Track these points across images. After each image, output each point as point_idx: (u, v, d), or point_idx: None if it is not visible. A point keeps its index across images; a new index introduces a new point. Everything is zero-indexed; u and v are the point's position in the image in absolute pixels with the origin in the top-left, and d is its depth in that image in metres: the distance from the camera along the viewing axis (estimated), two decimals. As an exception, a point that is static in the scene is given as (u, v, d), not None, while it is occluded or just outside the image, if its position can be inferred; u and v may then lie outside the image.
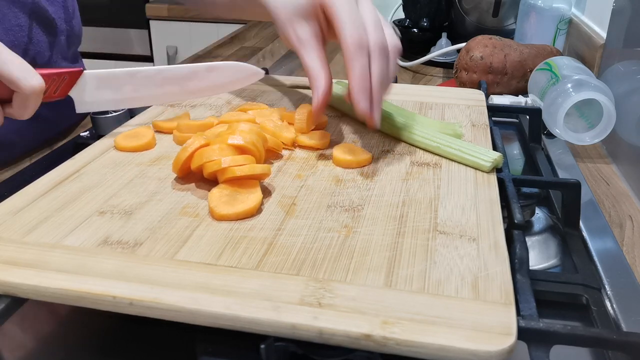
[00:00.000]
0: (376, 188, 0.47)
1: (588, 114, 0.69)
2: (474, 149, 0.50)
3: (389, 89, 0.52)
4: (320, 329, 0.31)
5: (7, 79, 0.48)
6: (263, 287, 0.34)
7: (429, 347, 0.30)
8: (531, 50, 0.86)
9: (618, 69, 0.74)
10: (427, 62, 1.08)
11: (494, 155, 0.49)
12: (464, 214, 0.43)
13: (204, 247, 0.39)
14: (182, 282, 0.35)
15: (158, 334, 0.40)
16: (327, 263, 0.37)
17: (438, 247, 0.39)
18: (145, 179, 0.48)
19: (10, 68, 0.48)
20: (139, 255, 0.38)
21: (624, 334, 0.34)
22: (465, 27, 1.10)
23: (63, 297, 0.34)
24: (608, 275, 0.45)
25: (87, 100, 0.57)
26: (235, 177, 0.44)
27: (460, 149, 0.50)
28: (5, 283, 0.35)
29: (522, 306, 0.35)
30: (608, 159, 0.70)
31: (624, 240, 0.53)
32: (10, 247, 0.38)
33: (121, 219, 0.42)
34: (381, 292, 0.34)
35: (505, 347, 0.30)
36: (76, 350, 0.39)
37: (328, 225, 0.41)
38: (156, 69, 0.59)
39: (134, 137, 0.55)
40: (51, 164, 0.50)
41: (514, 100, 0.79)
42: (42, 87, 0.49)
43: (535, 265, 0.49)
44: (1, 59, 0.47)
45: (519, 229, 0.42)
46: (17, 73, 0.48)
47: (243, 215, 0.42)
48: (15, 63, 0.48)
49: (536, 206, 0.57)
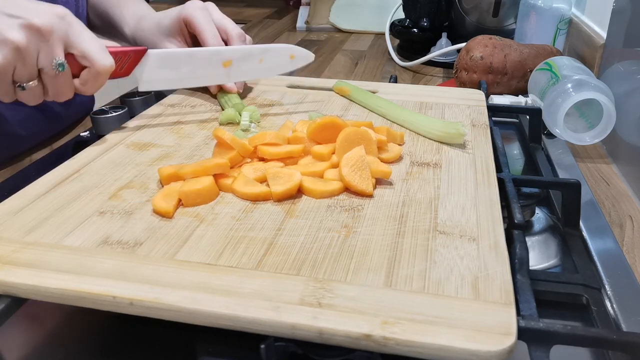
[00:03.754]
0: (376, 188, 0.47)
1: (588, 114, 0.69)
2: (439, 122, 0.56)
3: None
4: (320, 329, 0.31)
5: (85, 56, 0.51)
6: (263, 287, 0.34)
7: (429, 347, 0.30)
8: (531, 50, 0.86)
9: (618, 69, 0.74)
10: (427, 62, 1.08)
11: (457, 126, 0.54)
12: (464, 214, 0.43)
13: (204, 247, 0.39)
14: (182, 282, 0.35)
15: (158, 334, 0.40)
16: (327, 263, 0.37)
17: (438, 247, 0.39)
18: (145, 179, 0.48)
19: (89, 46, 0.51)
20: (139, 255, 0.38)
21: (624, 334, 0.34)
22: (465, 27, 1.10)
23: (63, 297, 0.34)
24: (608, 275, 0.45)
25: (149, 79, 0.59)
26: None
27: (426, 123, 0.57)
28: (5, 283, 0.35)
29: (522, 306, 0.35)
30: (608, 159, 0.70)
31: (624, 240, 0.53)
32: (10, 247, 0.38)
33: (121, 219, 0.42)
34: (381, 292, 0.34)
35: (505, 347, 0.30)
36: (76, 350, 0.39)
37: (328, 225, 0.41)
38: (214, 50, 0.62)
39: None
40: (51, 164, 0.50)
41: (514, 100, 0.79)
42: (112, 66, 0.53)
43: (535, 265, 0.49)
44: (81, 38, 0.51)
45: (519, 229, 0.42)
46: (94, 51, 0.51)
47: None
48: (93, 41, 0.52)
49: (536, 206, 0.57)
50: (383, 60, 1.15)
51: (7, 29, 0.46)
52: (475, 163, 0.51)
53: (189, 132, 0.58)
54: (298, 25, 1.44)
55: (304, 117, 0.62)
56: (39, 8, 0.49)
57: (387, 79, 0.86)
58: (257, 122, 0.61)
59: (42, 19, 0.48)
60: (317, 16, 1.44)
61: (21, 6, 0.48)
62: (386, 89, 0.72)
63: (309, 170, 0.48)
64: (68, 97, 0.54)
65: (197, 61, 0.61)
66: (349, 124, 0.52)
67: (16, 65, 0.48)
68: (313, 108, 0.65)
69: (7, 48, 0.46)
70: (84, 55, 0.51)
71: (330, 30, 1.42)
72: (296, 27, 1.44)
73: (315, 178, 0.47)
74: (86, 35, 0.52)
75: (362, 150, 0.47)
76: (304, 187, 0.46)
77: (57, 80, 0.51)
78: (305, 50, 0.66)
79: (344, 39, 1.35)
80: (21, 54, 0.47)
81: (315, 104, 0.67)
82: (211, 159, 0.49)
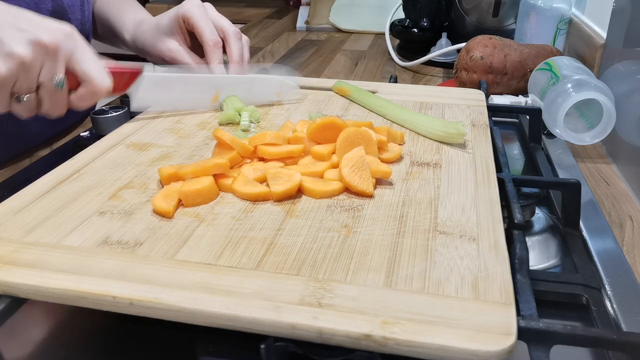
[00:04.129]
0: (376, 188, 0.47)
1: (588, 114, 0.69)
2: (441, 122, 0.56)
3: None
4: (320, 329, 0.31)
5: (86, 76, 0.52)
6: (263, 287, 0.34)
7: (429, 347, 0.30)
8: (531, 50, 0.86)
9: (618, 69, 0.74)
10: (427, 62, 1.08)
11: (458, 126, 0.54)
12: (464, 214, 0.43)
13: (204, 247, 0.39)
14: (182, 282, 0.35)
15: (158, 334, 0.40)
16: (327, 263, 0.37)
17: (438, 247, 0.39)
18: (145, 179, 0.48)
19: (90, 67, 0.52)
20: (139, 255, 0.38)
21: (624, 334, 0.34)
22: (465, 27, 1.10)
23: (63, 297, 0.34)
24: (608, 275, 0.45)
25: (141, 99, 0.61)
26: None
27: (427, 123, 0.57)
28: (5, 283, 0.35)
29: (522, 306, 0.35)
30: (608, 159, 0.70)
31: (624, 240, 0.53)
32: (10, 247, 0.38)
33: (121, 219, 0.42)
34: (381, 292, 0.34)
35: (505, 347, 0.30)
36: (76, 350, 0.39)
37: (328, 225, 0.41)
38: (206, 76, 0.64)
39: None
40: (51, 164, 0.50)
41: (514, 100, 0.79)
42: (110, 87, 0.54)
43: (535, 265, 0.49)
44: (84, 57, 0.52)
45: (519, 229, 0.42)
46: (94, 73, 0.53)
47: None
48: (94, 62, 0.53)
49: (536, 206, 0.57)
50: (383, 60, 1.15)
51: (15, 42, 0.47)
52: (475, 163, 0.51)
53: (189, 132, 0.58)
54: (298, 25, 1.44)
55: (304, 117, 0.62)
56: (47, 25, 0.50)
57: (387, 79, 0.86)
58: (257, 122, 0.61)
59: (49, 36, 0.49)
60: (317, 16, 1.44)
61: (31, 21, 0.49)
62: (386, 89, 0.72)
63: (309, 170, 0.48)
64: (60, 113, 0.54)
65: (190, 85, 0.63)
66: (349, 124, 0.52)
67: (18, 77, 0.49)
68: (313, 108, 0.65)
69: (12, 61, 0.47)
70: (85, 75, 0.52)
71: (330, 30, 1.42)
72: (296, 27, 1.44)
73: (315, 178, 0.47)
74: (89, 55, 0.53)
75: (362, 151, 0.47)
76: (304, 187, 0.46)
77: (54, 96, 0.52)
78: (292, 82, 0.68)
79: (344, 39, 1.34)
80: (25, 67, 0.48)
81: (315, 104, 0.67)
82: (211, 159, 0.49)
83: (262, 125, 0.61)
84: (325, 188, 0.45)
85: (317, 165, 0.49)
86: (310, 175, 0.47)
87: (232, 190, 0.46)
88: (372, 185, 0.46)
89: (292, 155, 0.50)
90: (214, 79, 0.65)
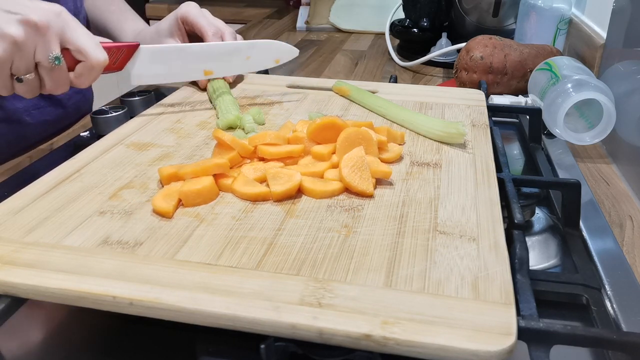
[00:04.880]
0: (376, 188, 0.47)
1: (588, 114, 0.69)
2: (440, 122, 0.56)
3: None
4: (320, 329, 0.31)
5: (79, 51, 0.54)
6: (263, 287, 0.34)
7: (429, 347, 0.30)
8: (531, 50, 0.86)
9: (618, 69, 0.74)
10: (427, 62, 1.08)
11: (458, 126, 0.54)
12: (464, 214, 0.43)
13: (204, 247, 0.39)
14: (182, 282, 0.35)
15: (158, 334, 0.40)
16: (327, 263, 0.37)
17: (438, 247, 0.39)
18: (145, 179, 0.48)
19: (83, 42, 0.54)
20: (139, 255, 0.38)
21: (624, 334, 0.34)
22: (465, 27, 1.10)
23: (63, 297, 0.34)
24: (608, 275, 0.45)
25: (141, 73, 0.62)
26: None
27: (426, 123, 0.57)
28: (5, 283, 0.35)
29: (522, 306, 0.35)
30: (608, 159, 0.70)
31: (624, 240, 0.53)
32: (10, 247, 0.38)
33: (121, 219, 0.42)
34: (381, 292, 0.34)
35: (505, 347, 0.30)
36: (76, 350, 0.39)
37: (328, 225, 0.41)
38: (203, 46, 0.65)
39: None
40: (51, 164, 0.50)
41: (514, 100, 0.79)
42: (106, 60, 0.55)
43: (535, 265, 0.49)
44: (77, 33, 0.53)
45: (519, 229, 0.42)
46: (88, 46, 0.54)
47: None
48: (87, 37, 0.54)
49: (536, 206, 0.57)
50: (383, 60, 1.15)
51: (5, 24, 0.49)
52: (475, 163, 0.51)
53: (189, 132, 0.58)
54: (298, 25, 1.44)
55: (304, 117, 0.62)
56: (36, 5, 0.51)
57: (387, 79, 0.86)
58: (261, 124, 0.61)
59: (39, 15, 0.50)
60: (317, 16, 1.44)
61: (19, 3, 0.50)
62: (386, 89, 0.72)
63: (309, 170, 0.48)
64: (64, 90, 0.56)
65: (187, 56, 0.64)
66: (349, 124, 0.52)
67: (14, 58, 0.50)
68: (313, 108, 0.65)
69: (5, 42, 0.49)
70: (79, 50, 0.54)
71: (330, 30, 1.42)
72: (296, 27, 1.44)
73: (315, 178, 0.47)
74: (81, 31, 0.54)
75: (362, 151, 0.47)
76: (304, 187, 0.46)
77: (53, 73, 0.53)
78: (289, 45, 0.69)
79: (344, 39, 1.35)
80: (19, 47, 0.50)
81: (315, 104, 0.67)
82: (211, 159, 0.49)
83: (262, 125, 0.61)
84: (325, 188, 0.45)
85: (317, 165, 0.49)
86: (310, 175, 0.47)
87: (232, 190, 0.46)
88: (372, 185, 0.46)
89: (292, 155, 0.50)
90: (211, 47, 0.66)
